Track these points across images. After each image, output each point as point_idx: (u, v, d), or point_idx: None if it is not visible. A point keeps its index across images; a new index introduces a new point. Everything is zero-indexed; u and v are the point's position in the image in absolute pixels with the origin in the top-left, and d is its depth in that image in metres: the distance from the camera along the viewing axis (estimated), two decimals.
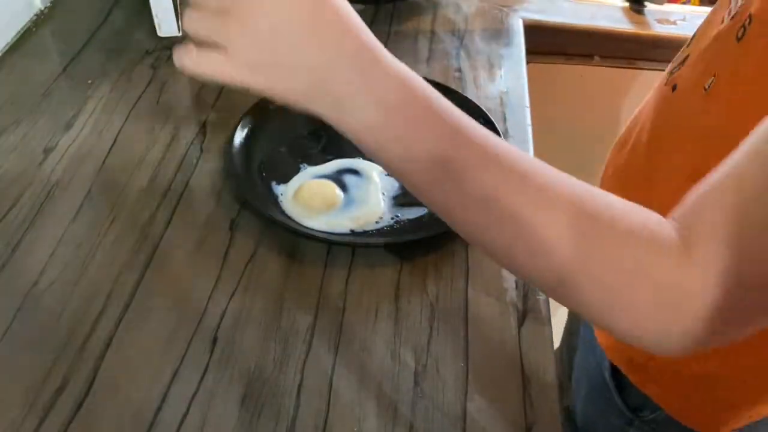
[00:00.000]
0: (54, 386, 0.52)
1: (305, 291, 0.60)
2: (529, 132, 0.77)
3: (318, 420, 0.51)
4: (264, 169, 0.70)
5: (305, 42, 0.35)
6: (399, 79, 0.37)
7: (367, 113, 0.36)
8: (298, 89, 0.37)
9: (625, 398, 0.68)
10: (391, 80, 0.37)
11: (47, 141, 0.73)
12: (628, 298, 0.36)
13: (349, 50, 0.36)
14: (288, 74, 0.36)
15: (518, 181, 0.37)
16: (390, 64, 0.37)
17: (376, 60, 0.36)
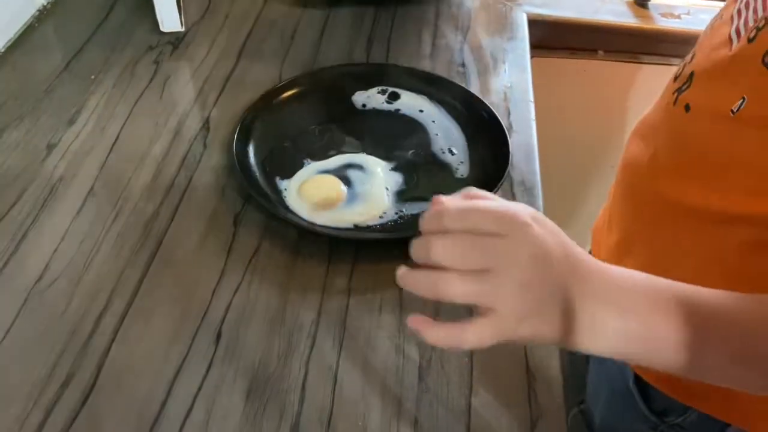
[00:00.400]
0: (59, 381, 0.52)
1: (309, 286, 0.60)
2: (533, 127, 0.77)
3: (322, 415, 0.51)
4: (268, 164, 0.70)
5: (558, 286, 0.38)
6: (635, 290, 0.40)
7: (618, 331, 0.39)
8: (556, 331, 0.38)
9: (650, 404, 0.66)
10: (629, 294, 0.40)
11: (50, 137, 0.73)
12: None
13: (591, 282, 0.39)
14: (548, 319, 0.38)
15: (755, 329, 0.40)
16: (619, 277, 0.40)
17: (608, 280, 0.40)
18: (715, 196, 0.52)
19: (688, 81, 0.56)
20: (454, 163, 0.71)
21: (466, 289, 0.37)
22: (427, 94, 0.78)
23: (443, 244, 0.37)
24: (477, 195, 0.41)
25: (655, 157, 0.59)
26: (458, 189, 0.67)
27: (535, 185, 0.70)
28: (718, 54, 0.53)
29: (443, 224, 0.38)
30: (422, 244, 0.39)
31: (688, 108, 0.55)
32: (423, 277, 0.39)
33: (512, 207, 0.39)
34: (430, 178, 0.69)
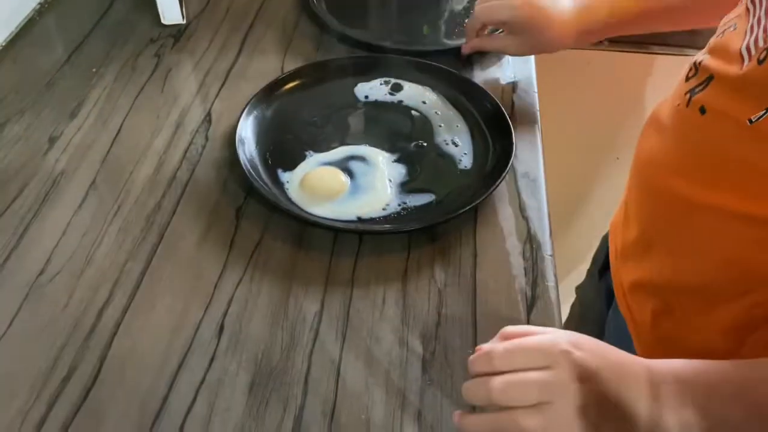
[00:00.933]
0: (61, 375, 0.52)
1: (312, 279, 0.59)
2: (537, 118, 0.76)
3: (326, 407, 0.51)
4: (270, 156, 0.69)
5: (610, 399, 0.42)
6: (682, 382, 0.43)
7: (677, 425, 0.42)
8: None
9: None
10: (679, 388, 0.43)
11: (52, 130, 0.73)
12: None
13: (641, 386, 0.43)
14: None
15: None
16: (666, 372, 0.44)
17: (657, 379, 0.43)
18: (734, 198, 0.51)
19: (705, 83, 0.55)
20: (457, 154, 0.70)
21: (533, 424, 0.40)
22: (430, 85, 0.77)
23: (502, 386, 0.41)
24: (514, 333, 0.45)
25: (670, 155, 0.58)
26: (462, 181, 0.68)
27: (538, 177, 0.69)
28: (731, 67, 0.52)
29: (494, 366, 0.42)
30: (479, 387, 0.43)
31: (703, 110, 0.54)
32: (488, 421, 0.42)
33: (550, 338, 0.43)
34: (434, 169, 0.69)
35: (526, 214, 0.65)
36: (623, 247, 0.67)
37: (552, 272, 0.60)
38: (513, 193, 0.67)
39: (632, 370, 0.43)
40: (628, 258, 0.66)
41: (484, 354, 0.43)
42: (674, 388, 0.43)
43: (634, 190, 0.65)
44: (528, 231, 0.64)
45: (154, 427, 0.49)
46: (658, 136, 0.61)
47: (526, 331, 0.45)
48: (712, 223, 0.54)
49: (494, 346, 0.43)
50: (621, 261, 0.68)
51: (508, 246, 0.63)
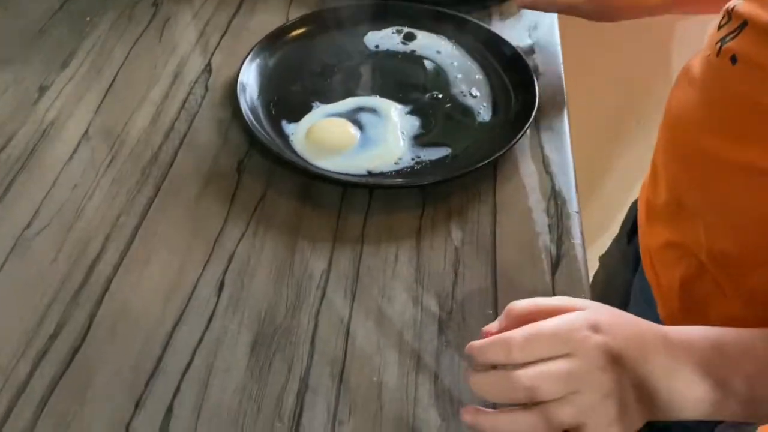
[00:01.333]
0: (48, 332, 0.48)
1: (319, 235, 0.55)
2: (560, 67, 0.71)
3: (334, 369, 0.47)
4: (274, 107, 0.65)
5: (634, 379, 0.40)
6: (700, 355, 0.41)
7: (696, 400, 0.41)
8: (641, 419, 0.41)
9: None
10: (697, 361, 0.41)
11: (42, 79, 0.69)
12: None
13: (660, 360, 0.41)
14: (632, 413, 0.40)
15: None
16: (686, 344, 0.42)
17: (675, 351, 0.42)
18: (766, 154, 0.47)
19: (737, 31, 0.50)
20: (475, 106, 0.65)
21: (567, 416, 0.38)
22: (446, 34, 0.72)
23: (530, 382, 0.38)
24: (522, 310, 0.42)
25: (698, 110, 0.54)
26: (481, 133, 0.63)
27: (563, 130, 0.64)
28: (766, 13, 0.47)
29: (513, 358, 0.38)
30: (502, 383, 0.39)
31: (734, 60, 0.50)
32: (520, 419, 0.39)
33: (567, 322, 0.40)
34: (450, 122, 0.64)
35: (550, 169, 0.61)
36: (652, 210, 0.63)
37: (579, 229, 0.56)
38: (536, 148, 0.63)
39: (652, 344, 0.42)
40: (657, 220, 0.62)
41: (500, 343, 0.39)
42: (690, 362, 0.41)
43: (663, 149, 0.61)
44: (552, 187, 0.59)
45: (148, 387, 0.45)
46: (687, 90, 0.57)
47: (535, 306, 0.42)
48: (743, 181, 0.50)
49: (511, 335, 0.39)
50: (649, 224, 0.64)
51: (530, 203, 0.58)
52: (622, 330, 0.41)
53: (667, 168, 0.60)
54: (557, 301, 0.43)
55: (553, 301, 0.43)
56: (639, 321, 0.43)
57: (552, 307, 0.42)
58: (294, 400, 0.45)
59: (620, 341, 0.40)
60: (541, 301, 0.42)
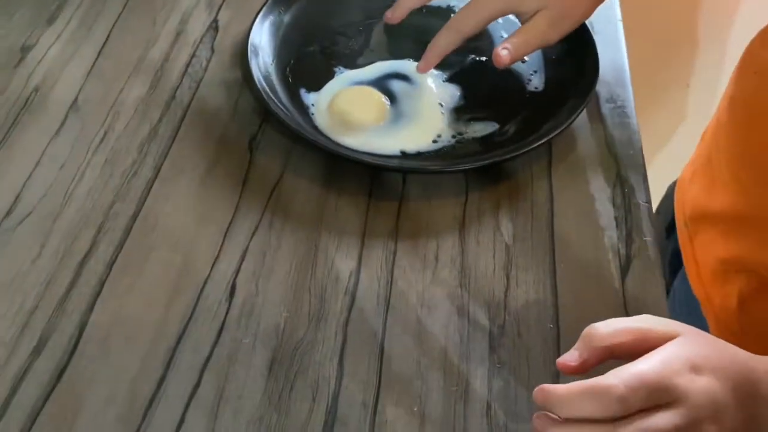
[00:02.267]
0: (29, 347, 0.41)
1: (345, 228, 0.48)
2: (619, 28, 0.62)
3: (367, 396, 0.40)
4: (290, 73, 0.57)
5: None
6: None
7: None
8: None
9: None
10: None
11: (25, 38, 0.60)
12: None
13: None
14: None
15: None
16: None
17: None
18: None
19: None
20: (525, 72, 0.57)
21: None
22: None
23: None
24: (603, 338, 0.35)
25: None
26: (531, 104, 0.54)
27: (627, 104, 0.56)
28: None
29: (612, 413, 0.31)
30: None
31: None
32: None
33: (668, 365, 0.33)
34: (496, 91, 0.56)
35: (614, 150, 0.52)
36: (703, 216, 0.56)
37: (650, 224, 0.48)
38: (596, 124, 0.54)
39: (756, 381, 0.35)
40: (710, 229, 0.54)
41: (596, 394, 0.32)
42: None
43: (728, 149, 0.52)
44: (617, 171, 0.51)
45: (147, 417, 0.38)
46: (765, 83, 0.48)
47: (620, 333, 0.35)
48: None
49: (610, 384, 0.32)
50: (696, 231, 0.56)
51: (592, 190, 0.50)
52: (724, 368, 0.34)
53: (735, 172, 0.51)
54: (643, 323, 0.35)
55: (639, 323, 0.35)
56: (737, 352, 0.36)
57: (641, 334, 0.34)
58: None
59: (725, 383, 0.34)
60: (624, 325, 0.35)
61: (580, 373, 0.34)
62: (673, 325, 0.36)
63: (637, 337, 0.34)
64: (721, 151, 0.53)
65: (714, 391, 0.33)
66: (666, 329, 0.35)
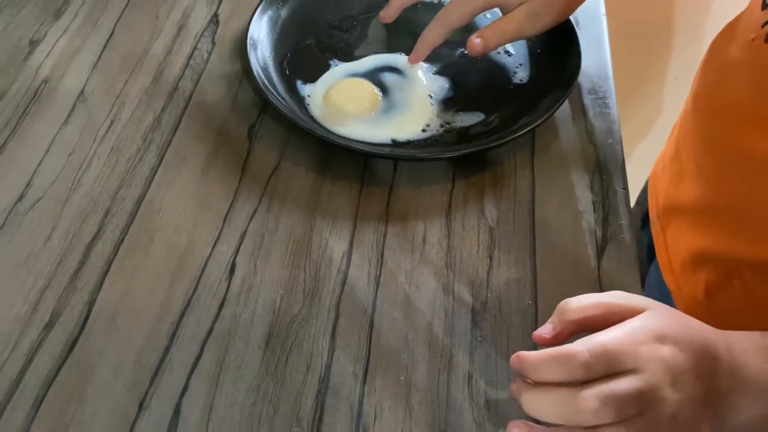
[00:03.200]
0: (42, 321, 0.44)
1: (339, 211, 0.50)
2: (603, 22, 0.64)
3: (357, 367, 0.42)
4: (287, 66, 0.59)
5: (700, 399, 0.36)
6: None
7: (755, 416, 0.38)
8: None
9: None
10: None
11: (34, 31, 0.62)
12: None
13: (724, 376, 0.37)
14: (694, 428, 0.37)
15: None
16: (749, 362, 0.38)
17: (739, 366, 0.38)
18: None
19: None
20: (511, 65, 0.59)
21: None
22: None
23: (597, 404, 0.33)
24: (576, 311, 0.37)
25: (744, 101, 0.47)
26: (516, 96, 0.57)
27: (609, 93, 0.58)
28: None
29: (575, 377, 0.34)
30: (565, 404, 0.34)
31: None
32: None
33: (633, 335, 0.35)
34: (483, 83, 0.58)
35: (594, 138, 0.55)
36: (673, 207, 0.57)
37: (626, 208, 0.51)
38: (578, 114, 0.57)
39: (718, 355, 0.37)
40: (679, 219, 0.55)
41: (562, 360, 0.34)
42: (752, 378, 0.38)
43: (693, 142, 0.54)
44: (597, 159, 0.54)
45: (153, 385, 0.41)
46: (725, 78, 0.50)
47: (592, 308, 0.37)
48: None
49: (575, 350, 0.34)
50: (667, 221, 0.57)
51: (572, 177, 0.53)
52: (687, 340, 0.36)
53: (700, 165, 0.53)
54: (613, 298, 0.38)
55: (610, 299, 0.38)
56: (703, 327, 0.38)
57: (610, 308, 0.37)
58: (313, 402, 0.41)
59: (688, 354, 0.36)
60: (595, 300, 0.38)
61: (554, 345, 0.36)
62: (642, 300, 0.38)
63: (607, 311, 0.37)
64: (688, 144, 0.54)
65: (676, 359, 0.35)
66: (635, 304, 0.37)
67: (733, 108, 0.48)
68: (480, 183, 0.52)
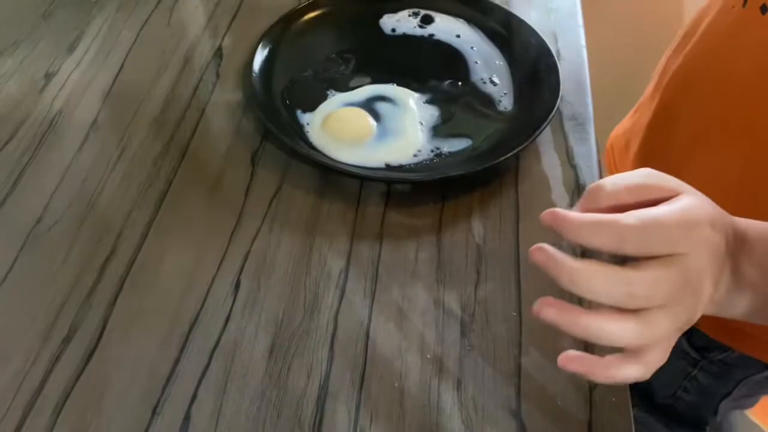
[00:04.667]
0: (61, 336, 0.47)
1: (337, 231, 0.54)
2: (583, 54, 0.69)
3: (354, 375, 0.46)
4: (287, 96, 0.62)
5: (715, 284, 0.35)
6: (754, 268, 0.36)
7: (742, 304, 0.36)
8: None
9: (693, 341, 0.64)
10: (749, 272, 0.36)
11: (48, 65, 0.67)
12: None
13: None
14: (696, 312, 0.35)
15: None
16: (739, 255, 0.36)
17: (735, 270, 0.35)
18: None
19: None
20: (496, 94, 0.63)
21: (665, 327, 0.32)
22: (465, 17, 0.70)
23: (648, 290, 0.31)
24: (608, 192, 0.33)
25: (721, 63, 0.50)
26: (501, 123, 0.61)
27: (587, 120, 0.62)
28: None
29: (623, 249, 0.31)
30: (618, 284, 0.31)
31: (765, 9, 0.46)
32: (625, 325, 0.32)
33: (691, 213, 0.32)
34: (470, 111, 0.62)
35: (574, 162, 0.59)
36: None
37: None
38: (559, 139, 0.61)
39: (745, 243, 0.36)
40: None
41: (611, 226, 0.30)
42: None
43: (663, 117, 0.59)
44: (576, 181, 0.57)
45: (165, 393, 0.44)
46: (703, 44, 0.54)
47: (631, 187, 0.33)
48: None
49: (625, 220, 0.30)
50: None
51: (554, 197, 0.56)
52: (730, 227, 0.35)
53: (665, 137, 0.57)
54: (648, 179, 0.34)
55: (645, 179, 0.34)
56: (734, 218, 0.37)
57: (646, 191, 0.33)
58: (314, 407, 0.44)
59: (731, 241, 0.34)
60: (630, 182, 0.34)
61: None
62: (677, 182, 0.35)
63: (641, 196, 0.33)
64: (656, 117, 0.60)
65: (719, 246, 0.33)
66: (671, 186, 0.34)
67: (709, 69, 0.52)
68: (468, 204, 0.56)
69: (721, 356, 0.63)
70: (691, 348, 0.65)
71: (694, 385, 0.67)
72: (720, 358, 0.63)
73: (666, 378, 0.68)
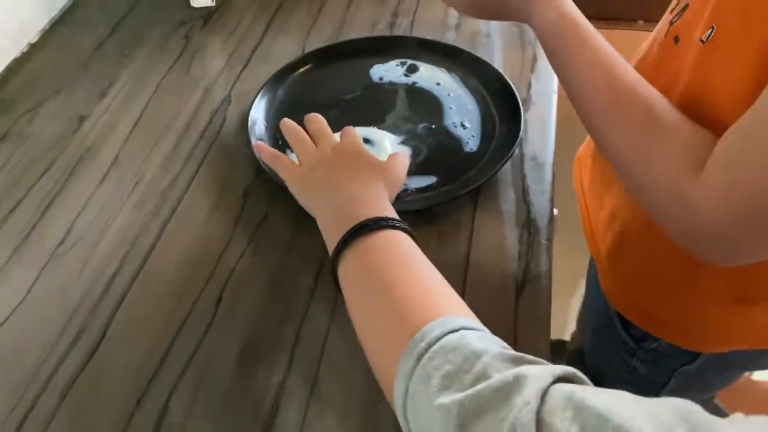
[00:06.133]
0: (69, 338, 0.56)
1: (309, 255, 0.61)
2: (553, 101, 0.75)
3: (309, 375, 0.53)
4: (281, 138, 0.71)
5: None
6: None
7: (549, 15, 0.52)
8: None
9: (630, 331, 0.70)
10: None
11: (83, 109, 0.78)
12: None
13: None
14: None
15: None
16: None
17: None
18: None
19: (681, 12, 0.54)
20: (465, 137, 0.70)
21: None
22: (446, 66, 0.77)
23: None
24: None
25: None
26: (466, 163, 0.68)
27: (546, 162, 0.68)
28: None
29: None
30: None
31: (677, 40, 0.54)
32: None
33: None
34: (439, 151, 0.69)
35: (528, 198, 0.65)
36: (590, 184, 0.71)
37: (547, 258, 0.60)
38: (518, 177, 0.67)
39: None
40: (596, 198, 0.70)
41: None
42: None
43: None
44: (528, 215, 0.63)
45: (149, 387, 0.53)
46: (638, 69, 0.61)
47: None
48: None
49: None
50: (589, 197, 0.72)
51: (505, 230, 0.63)
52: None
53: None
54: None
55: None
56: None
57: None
58: (271, 403, 0.51)
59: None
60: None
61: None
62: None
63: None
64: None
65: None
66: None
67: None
68: (428, 234, 0.63)
69: (653, 345, 0.69)
70: (628, 337, 0.70)
71: (636, 376, 0.73)
72: (653, 347, 0.69)
73: (611, 371, 0.74)
